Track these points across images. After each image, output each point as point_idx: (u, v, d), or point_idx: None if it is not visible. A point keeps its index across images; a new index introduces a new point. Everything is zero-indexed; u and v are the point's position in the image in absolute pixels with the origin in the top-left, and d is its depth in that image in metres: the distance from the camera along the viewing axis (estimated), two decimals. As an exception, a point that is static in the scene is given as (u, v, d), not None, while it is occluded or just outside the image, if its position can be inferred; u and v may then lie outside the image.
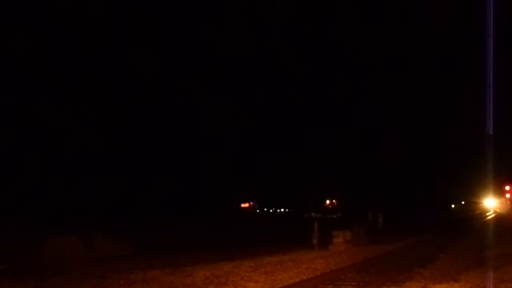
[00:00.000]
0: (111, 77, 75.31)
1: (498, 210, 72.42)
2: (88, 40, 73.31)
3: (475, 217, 72.65)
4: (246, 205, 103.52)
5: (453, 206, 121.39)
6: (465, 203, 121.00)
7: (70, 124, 58.44)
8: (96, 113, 63.55)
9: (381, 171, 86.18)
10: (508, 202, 54.01)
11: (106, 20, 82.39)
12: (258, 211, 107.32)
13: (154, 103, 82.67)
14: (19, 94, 55.82)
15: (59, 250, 20.49)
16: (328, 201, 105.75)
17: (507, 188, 44.09)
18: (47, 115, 57.09)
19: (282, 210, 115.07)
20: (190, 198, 68.27)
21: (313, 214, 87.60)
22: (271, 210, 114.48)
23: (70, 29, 76.28)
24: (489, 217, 64.78)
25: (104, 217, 38.45)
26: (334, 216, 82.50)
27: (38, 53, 61.52)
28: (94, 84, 65.90)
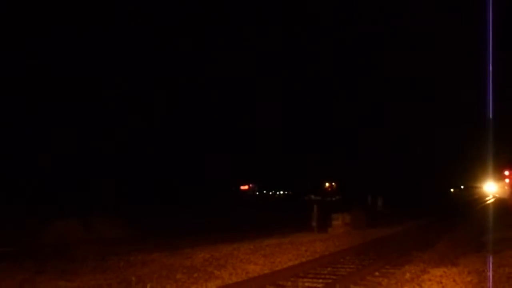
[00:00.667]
0: (113, 71, 76.01)
1: (497, 195, 72.62)
2: (88, 39, 73.83)
3: (475, 201, 72.88)
4: (246, 187, 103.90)
5: (452, 190, 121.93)
6: (464, 187, 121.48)
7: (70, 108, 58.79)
8: (97, 100, 64.14)
9: (380, 155, 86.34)
10: (507, 187, 54.05)
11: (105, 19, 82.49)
12: (257, 193, 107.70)
13: (154, 89, 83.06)
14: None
15: (59, 233, 20.53)
16: (327, 184, 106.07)
17: (507, 173, 44.09)
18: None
19: (282, 192, 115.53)
20: (190, 181, 68.46)
21: (312, 196, 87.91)
22: (270, 193, 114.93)
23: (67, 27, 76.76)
24: (489, 202, 64.98)
25: (104, 200, 38.51)
26: (333, 199, 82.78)
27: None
28: (96, 76, 66.71)
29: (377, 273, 10.96)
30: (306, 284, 9.86)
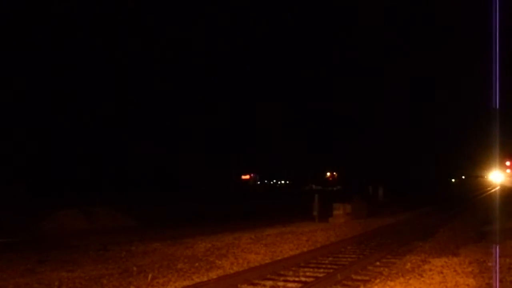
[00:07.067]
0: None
1: (501, 185, 72.63)
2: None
3: (476, 191, 72.88)
4: (247, 177, 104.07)
5: (453, 180, 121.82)
6: (465, 177, 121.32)
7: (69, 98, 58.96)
8: (97, 88, 64.22)
9: (381, 145, 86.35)
10: (509, 178, 54.01)
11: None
12: (258, 183, 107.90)
13: (153, 78, 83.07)
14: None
15: (60, 223, 20.61)
16: (328, 174, 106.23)
17: (508, 163, 43.95)
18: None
19: (283, 182, 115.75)
20: (191, 171, 68.57)
21: (313, 186, 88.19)
22: (271, 182, 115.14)
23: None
24: (491, 192, 64.91)
25: (105, 190, 38.63)
26: (334, 188, 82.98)
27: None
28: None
29: (378, 263, 10.96)
30: (307, 273, 9.87)
